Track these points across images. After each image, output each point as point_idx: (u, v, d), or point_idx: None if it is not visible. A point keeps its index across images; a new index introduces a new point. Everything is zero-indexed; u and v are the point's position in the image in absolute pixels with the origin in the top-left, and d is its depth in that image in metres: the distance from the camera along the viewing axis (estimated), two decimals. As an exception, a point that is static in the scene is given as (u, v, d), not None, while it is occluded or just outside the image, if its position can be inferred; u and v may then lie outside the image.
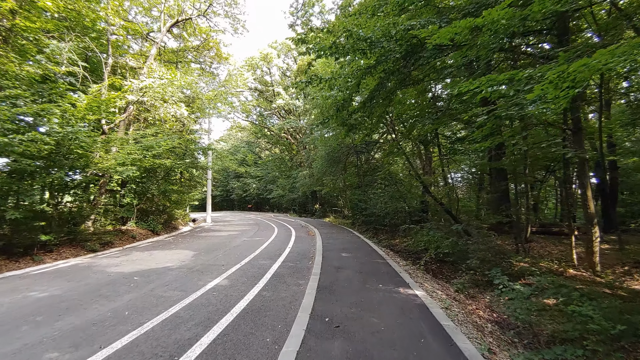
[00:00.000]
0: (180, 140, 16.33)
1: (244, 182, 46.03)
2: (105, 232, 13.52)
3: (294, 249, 10.54)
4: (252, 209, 48.87)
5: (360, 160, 23.19)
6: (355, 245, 11.14)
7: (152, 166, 15.87)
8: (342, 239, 12.83)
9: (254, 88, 37.05)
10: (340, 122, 8.85)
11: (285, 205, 38.99)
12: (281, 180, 37.65)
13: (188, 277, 6.55)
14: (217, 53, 24.78)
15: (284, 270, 7.22)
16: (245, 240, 12.70)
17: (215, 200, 59.04)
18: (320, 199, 35.22)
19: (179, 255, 9.30)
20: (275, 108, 35.76)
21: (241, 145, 55.22)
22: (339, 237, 13.52)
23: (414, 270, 7.21)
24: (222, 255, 9.18)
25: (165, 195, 16.59)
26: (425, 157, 20.15)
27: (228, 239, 13.42)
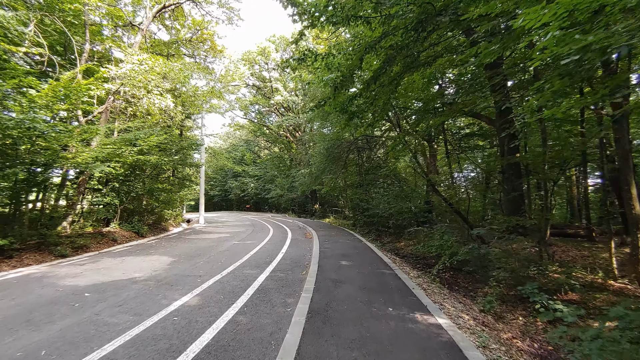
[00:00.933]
0: (167, 135, 15.12)
1: (242, 182, 44.79)
2: (84, 234, 12.35)
3: (288, 254, 9.30)
4: (251, 209, 47.64)
5: (362, 157, 21.96)
6: (356, 250, 9.89)
7: (136, 163, 14.73)
8: (342, 242, 11.59)
9: (251, 85, 35.84)
10: (340, 108, 7.61)
11: (284, 205, 37.76)
12: (279, 179, 36.42)
13: (152, 294, 5.32)
14: (211, 46, 23.60)
15: (271, 283, 5.99)
16: (234, 244, 11.47)
17: (214, 201, 57.94)
18: (320, 198, 33.98)
19: (154, 262, 8.07)
20: (274, 105, 34.54)
21: (239, 144, 54.02)
22: (339, 240, 12.29)
23: (428, 284, 5.95)
24: (203, 263, 7.95)
25: (152, 194, 15.38)
26: (429, 154, 19.01)
27: (217, 242, 12.20)
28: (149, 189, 14.70)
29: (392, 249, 11.91)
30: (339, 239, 12.47)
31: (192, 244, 11.56)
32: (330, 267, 7.15)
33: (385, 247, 11.66)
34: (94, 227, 13.98)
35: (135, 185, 15.10)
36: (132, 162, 14.56)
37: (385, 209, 13.39)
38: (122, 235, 13.80)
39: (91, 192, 15.18)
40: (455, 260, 7.29)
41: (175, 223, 21.28)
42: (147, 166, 15.68)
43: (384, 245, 12.50)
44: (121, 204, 15.17)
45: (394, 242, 13.52)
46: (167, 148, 15.15)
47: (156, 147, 15.00)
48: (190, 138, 15.16)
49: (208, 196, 58.60)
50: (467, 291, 6.88)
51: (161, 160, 14.64)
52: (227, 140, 58.06)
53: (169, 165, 15.44)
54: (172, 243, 12.03)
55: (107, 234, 13.14)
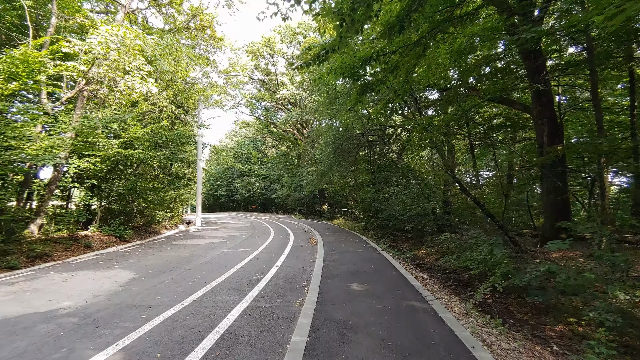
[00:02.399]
0: (154, 126, 13.29)
1: (247, 181, 43.03)
2: (53, 240, 10.61)
3: (284, 269, 7.31)
4: (257, 209, 45.87)
5: (374, 153, 19.85)
6: (371, 264, 7.82)
7: (118, 157, 12.97)
8: (353, 252, 9.53)
9: (256, 79, 34.04)
10: (350, 73, 5.58)
11: (291, 205, 35.86)
12: (285, 178, 34.51)
13: (52, 345, 3.39)
14: (211, 34, 21.84)
15: (246, 323, 4.00)
16: (223, 253, 9.53)
17: (220, 201, 56.54)
18: (328, 199, 31.97)
19: (106, 281, 6.17)
20: (280, 99, 32.65)
21: (246, 142, 52.36)
22: (348, 248, 10.24)
23: (489, 332, 3.83)
24: (170, 283, 6.02)
25: (135, 193, 13.57)
26: (447, 149, 16.91)
27: (204, 249, 10.29)
28: (131, 187, 12.86)
29: (412, 259, 9.86)
30: (348, 247, 10.43)
31: (171, 252, 9.66)
32: (335, 296, 5.10)
33: (404, 257, 9.61)
34: (69, 231, 12.23)
35: (117, 184, 13.32)
36: (113, 156, 12.85)
37: (403, 210, 11.31)
38: (99, 240, 12.04)
39: (67, 191, 13.46)
40: (512, 284, 5.19)
41: (170, 225, 19.54)
42: (131, 161, 13.90)
43: (402, 253, 10.45)
44: (101, 204, 13.44)
45: (412, 249, 11.46)
46: (152, 140, 13.31)
47: (143, 140, 13.20)
48: (180, 130, 13.26)
49: (214, 196, 57.28)
50: (531, 328, 4.77)
51: (145, 155, 12.81)
52: (232, 138, 56.53)
53: (156, 161, 13.61)
54: (150, 250, 10.16)
55: (81, 239, 11.38)
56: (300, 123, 33.22)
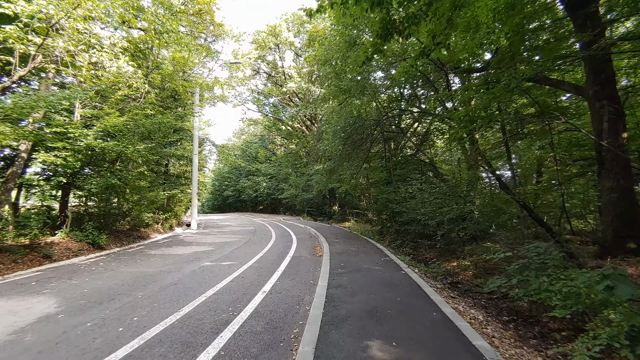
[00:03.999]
0: (133, 114, 11.32)
1: (254, 181, 41.12)
2: (3, 249, 8.79)
3: (270, 301, 5.15)
4: (264, 210, 43.93)
5: (389, 148, 17.57)
6: (395, 293, 5.54)
7: (89, 151, 11.15)
8: (368, 270, 7.29)
9: (262, 72, 32.07)
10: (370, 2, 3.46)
11: (299, 206, 33.73)
12: (293, 177, 32.43)
13: None
14: (210, 20, 19.97)
15: None
16: (201, 268, 7.45)
17: (228, 201, 54.92)
18: (339, 199, 29.74)
19: (3, 320, 4.15)
20: (287, 93, 30.57)
21: (253, 141, 50.55)
22: (362, 263, 8.01)
23: None
24: (91, 327, 3.96)
25: (111, 192, 11.66)
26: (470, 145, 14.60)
27: (181, 262, 8.24)
28: (105, 185, 10.94)
29: (443, 276, 7.66)
30: (361, 261, 8.20)
31: (137, 267, 7.61)
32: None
33: (433, 274, 7.41)
34: (32, 237, 10.39)
35: (91, 182, 11.43)
36: (85, 149, 11.00)
37: (430, 214, 9.06)
38: (66, 248, 10.17)
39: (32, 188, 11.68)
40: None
41: (164, 228, 17.66)
42: (110, 156, 12.00)
43: (428, 267, 8.23)
44: (66, 205, 11.59)
45: (439, 261, 9.23)
46: (131, 131, 11.36)
47: (119, 130, 11.27)
48: (161, 118, 11.23)
49: (222, 197, 55.68)
50: None
51: (121, 147, 10.86)
52: (240, 136, 54.86)
53: (136, 155, 11.64)
54: (115, 263, 8.14)
55: (42, 248, 9.52)
56: (309, 119, 31.11)
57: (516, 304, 6.07)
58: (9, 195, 10.16)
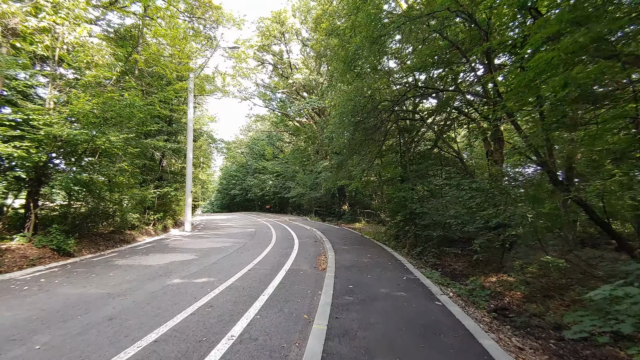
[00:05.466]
0: (105, 98, 9.58)
1: (260, 179, 39.40)
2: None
3: (235, 358, 3.28)
4: (271, 210, 42.22)
5: (405, 142, 15.50)
6: (437, 349, 3.61)
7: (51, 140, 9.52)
8: (387, 296, 5.31)
9: (267, 62, 30.29)
10: None
11: (306, 205, 31.86)
12: (300, 175, 30.58)
13: None
14: (209, 2, 18.28)
15: None
16: (161, 290, 5.62)
17: (236, 200, 53.59)
18: (349, 198, 27.77)
19: None
20: (294, 85, 28.71)
21: (260, 138, 48.89)
22: (378, 285, 6.04)
23: None
24: None
25: (79, 190, 9.97)
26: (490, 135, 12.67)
27: (143, 280, 6.42)
28: (66, 182, 9.24)
29: (486, 299, 5.69)
30: (378, 283, 6.21)
31: (81, 288, 5.80)
32: None
33: (473, 296, 5.45)
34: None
35: (55, 177, 9.76)
36: (46, 139, 9.37)
37: (465, 218, 7.06)
38: (22, 256, 8.53)
39: None
40: None
41: (155, 230, 16.01)
42: (82, 147, 10.30)
43: (461, 284, 6.27)
44: (33, 205, 9.96)
45: (473, 276, 7.27)
46: (100, 117, 9.60)
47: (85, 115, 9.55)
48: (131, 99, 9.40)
49: (230, 195, 54.32)
50: None
51: (85, 136, 9.14)
52: (247, 133, 53.30)
53: (108, 146, 9.91)
54: (59, 280, 6.38)
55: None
56: (317, 113, 29.20)
57: (606, 351, 4.13)
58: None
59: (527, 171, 9.58)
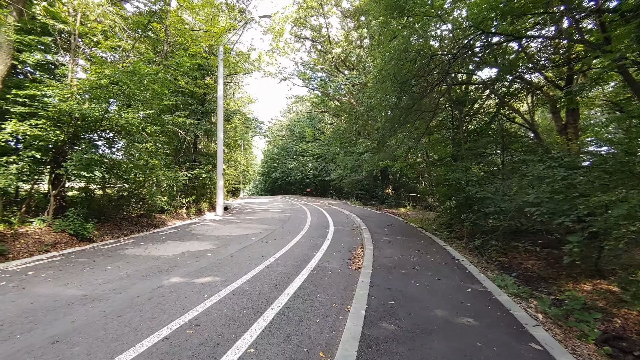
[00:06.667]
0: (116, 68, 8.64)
1: (300, 162, 38.34)
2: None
3: None
4: (311, 193, 41.22)
5: (460, 112, 13.17)
6: None
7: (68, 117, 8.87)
8: (447, 325, 3.67)
9: (304, 37, 28.53)
10: None
11: (347, 189, 30.28)
12: (341, 157, 28.95)
13: None
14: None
15: None
16: (148, 295, 4.46)
17: (278, 183, 53.50)
18: (393, 181, 25.77)
19: None
20: (333, 60, 26.78)
21: (301, 120, 47.66)
22: (432, 301, 4.38)
23: None
24: None
25: (88, 169, 9.24)
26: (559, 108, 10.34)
27: (138, 277, 5.35)
28: (79, 161, 8.49)
29: (594, 324, 3.84)
30: (432, 298, 4.54)
31: (61, 285, 4.80)
32: None
33: (577, 324, 3.65)
34: (7, 226, 8.45)
35: (71, 156, 9.10)
36: (60, 115, 8.72)
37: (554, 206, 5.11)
38: (36, 241, 8.03)
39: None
40: None
41: (188, 213, 15.47)
42: (100, 126, 9.57)
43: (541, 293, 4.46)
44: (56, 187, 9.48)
45: (555, 278, 5.42)
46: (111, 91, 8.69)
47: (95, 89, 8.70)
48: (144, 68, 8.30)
49: (271, 179, 54.34)
50: None
51: (97, 112, 8.30)
52: (287, 115, 52.31)
53: (123, 123, 9.05)
54: (47, 273, 5.50)
55: (2, 239, 7.44)
56: (360, 90, 27.12)
57: None
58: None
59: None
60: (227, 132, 22.00)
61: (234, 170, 28.24)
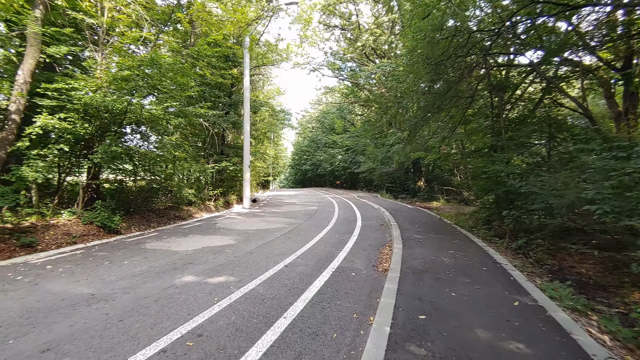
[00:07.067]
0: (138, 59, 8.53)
1: (329, 154, 37.81)
2: None
3: None
4: (341, 185, 40.66)
5: (502, 101, 12.02)
6: None
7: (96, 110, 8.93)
8: (491, 351, 3.14)
9: (334, 27, 27.78)
10: None
11: (377, 181, 29.45)
12: (371, 148, 28.11)
13: None
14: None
15: None
16: (155, 296, 4.17)
17: (308, 176, 53.42)
18: (426, 173, 24.68)
19: None
20: (363, 48, 25.85)
21: (330, 111, 46.97)
22: (466, 309, 3.78)
23: None
24: None
25: (113, 161, 9.26)
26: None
27: (152, 274, 5.13)
28: (104, 154, 8.51)
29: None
30: (471, 316, 3.88)
31: (72, 282, 4.63)
32: None
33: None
34: (40, 217, 8.69)
35: (97, 149, 9.15)
36: (88, 108, 8.79)
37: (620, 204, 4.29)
38: (65, 233, 8.16)
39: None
40: None
41: (216, 206, 15.49)
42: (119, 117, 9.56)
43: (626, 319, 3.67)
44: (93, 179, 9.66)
45: (615, 285, 4.62)
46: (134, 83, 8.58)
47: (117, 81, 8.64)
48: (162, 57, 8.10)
49: (301, 171, 54.33)
50: None
51: (120, 104, 8.23)
52: (317, 107, 51.73)
53: (147, 115, 8.97)
54: (64, 267, 5.42)
55: (29, 232, 7.60)
56: (390, 75, 26.03)
57: None
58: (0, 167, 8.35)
59: None
60: (255, 124, 21.88)
61: (262, 163, 28.23)
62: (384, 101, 24.04)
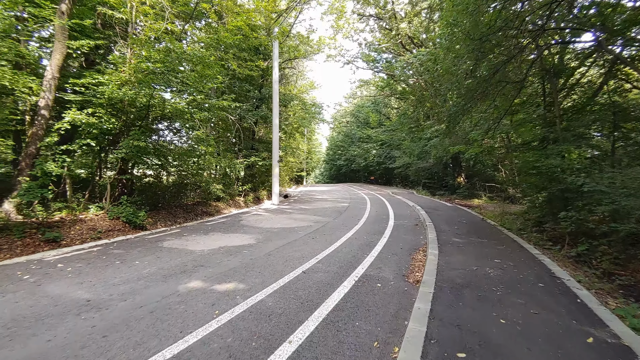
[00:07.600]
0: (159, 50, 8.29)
1: (364, 149, 36.78)
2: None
3: None
4: (375, 181, 39.52)
5: (555, 87, 10.57)
6: None
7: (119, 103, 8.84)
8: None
9: (368, 16, 26.66)
10: None
11: (413, 177, 28.12)
12: (407, 142, 26.82)
13: None
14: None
15: None
16: (156, 304, 3.73)
17: (342, 171, 52.78)
18: (466, 168, 23.09)
19: None
20: (399, 37, 24.58)
21: (365, 105, 45.77)
22: (521, 347, 3.01)
23: None
24: None
25: (138, 156, 9.13)
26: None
27: (158, 278, 4.75)
28: (127, 147, 8.39)
29: None
30: (541, 359, 3.15)
31: (74, 284, 4.33)
32: None
33: None
34: (70, 211, 8.80)
35: (122, 144, 9.08)
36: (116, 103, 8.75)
37: None
38: (91, 228, 8.14)
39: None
40: None
41: (245, 202, 15.29)
42: (153, 112, 9.45)
43: None
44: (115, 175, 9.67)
45: None
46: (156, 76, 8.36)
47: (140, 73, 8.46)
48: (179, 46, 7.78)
49: (336, 166, 53.76)
50: None
51: (142, 97, 8.04)
52: (352, 101, 50.63)
53: (170, 109, 8.75)
54: (75, 266, 5.21)
55: (53, 226, 7.63)
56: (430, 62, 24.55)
57: None
58: (30, 161, 8.49)
59: None
60: (287, 118, 21.50)
61: (294, 158, 27.88)
62: (420, 91, 22.71)
